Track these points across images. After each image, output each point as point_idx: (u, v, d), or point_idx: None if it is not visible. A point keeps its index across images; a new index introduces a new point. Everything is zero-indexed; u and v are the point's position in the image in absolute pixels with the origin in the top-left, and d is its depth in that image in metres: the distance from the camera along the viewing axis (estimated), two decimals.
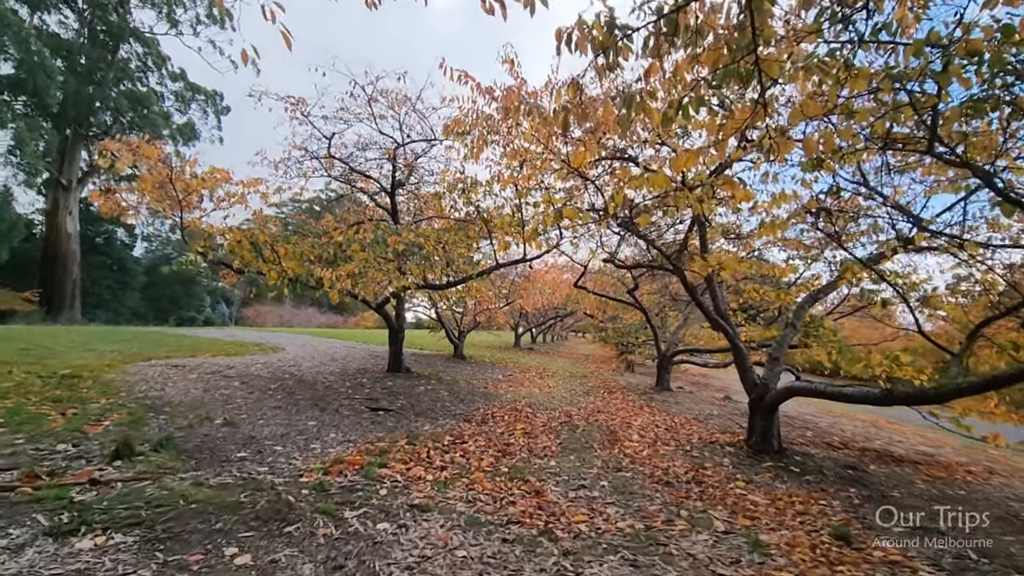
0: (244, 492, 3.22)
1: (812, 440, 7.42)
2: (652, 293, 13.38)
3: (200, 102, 33.62)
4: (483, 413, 7.52)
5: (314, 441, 4.91)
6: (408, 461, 4.46)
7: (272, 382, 8.43)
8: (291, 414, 6.13)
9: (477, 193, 7.69)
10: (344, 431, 5.50)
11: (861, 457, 6.39)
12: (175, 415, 5.35)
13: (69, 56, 28.57)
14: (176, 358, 10.68)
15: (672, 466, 5.33)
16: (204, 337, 17.96)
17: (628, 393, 11.86)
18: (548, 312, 24.49)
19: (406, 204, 12.38)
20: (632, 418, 8.35)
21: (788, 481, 5.04)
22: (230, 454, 4.14)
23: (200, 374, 8.58)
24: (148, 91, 31.62)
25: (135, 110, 30.26)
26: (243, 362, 10.86)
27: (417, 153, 10.12)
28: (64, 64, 28.23)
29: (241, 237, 6.89)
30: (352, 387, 8.67)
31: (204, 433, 4.71)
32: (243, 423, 5.35)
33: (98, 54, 29.13)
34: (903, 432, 10.05)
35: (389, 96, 8.43)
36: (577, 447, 5.95)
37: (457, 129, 7.25)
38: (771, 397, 6.10)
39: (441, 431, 5.99)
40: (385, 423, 6.18)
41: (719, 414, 9.58)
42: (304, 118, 9.37)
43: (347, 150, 10.16)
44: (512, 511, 3.55)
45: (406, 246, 6.95)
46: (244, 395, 7.08)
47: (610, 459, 5.48)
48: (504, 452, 5.33)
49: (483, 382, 11.12)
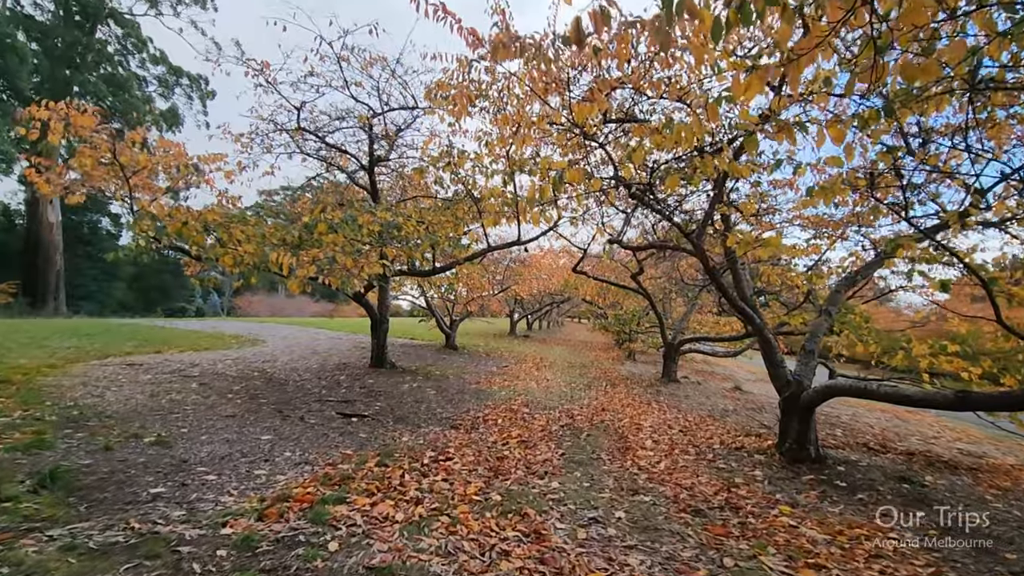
0: (130, 561, 2.30)
1: (844, 441, 6.59)
2: (657, 278, 12.46)
3: (184, 87, 32.34)
4: (473, 416, 6.62)
5: (261, 465, 3.98)
6: (375, 491, 3.55)
7: (237, 382, 7.49)
8: (245, 425, 5.20)
9: (464, 165, 6.72)
10: (304, 448, 4.58)
11: (909, 463, 5.55)
12: (97, 432, 4.41)
13: (44, 38, 27.24)
14: (138, 355, 9.71)
15: (697, 483, 4.46)
16: (184, 329, 17.00)
17: (632, 385, 11.01)
18: (544, 298, 23.61)
19: (391, 185, 11.35)
20: (641, 417, 7.48)
21: (839, 501, 4.18)
22: (142, 491, 3.21)
23: (156, 374, 7.63)
24: (129, 75, 30.32)
25: (115, 94, 28.95)
26: (212, 358, 9.91)
27: (398, 125, 9.07)
28: (39, 47, 26.91)
29: (187, 217, 5.89)
30: (327, 386, 7.75)
31: (122, 458, 3.78)
32: (180, 441, 4.42)
33: (74, 36, 27.73)
34: (929, 423, 9.28)
35: (361, 56, 7.37)
36: (583, 459, 5.07)
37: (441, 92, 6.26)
38: (808, 397, 5.22)
39: (422, 443, 5.09)
40: (357, 434, 5.27)
41: (734, 409, 8.74)
42: (269, 85, 8.30)
43: (322, 122, 9.12)
44: (506, 568, 2.65)
45: (382, 227, 5.98)
46: (197, 400, 6.14)
47: (623, 475, 4.60)
48: (496, 470, 4.43)
49: (475, 376, 10.22)
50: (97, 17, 28.53)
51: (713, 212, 4.79)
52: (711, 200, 4.75)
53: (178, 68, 31.54)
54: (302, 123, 8.64)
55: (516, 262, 17.18)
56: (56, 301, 27.11)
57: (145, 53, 30.70)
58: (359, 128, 8.45)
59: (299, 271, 5.34)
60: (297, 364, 9.94)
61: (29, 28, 26.36)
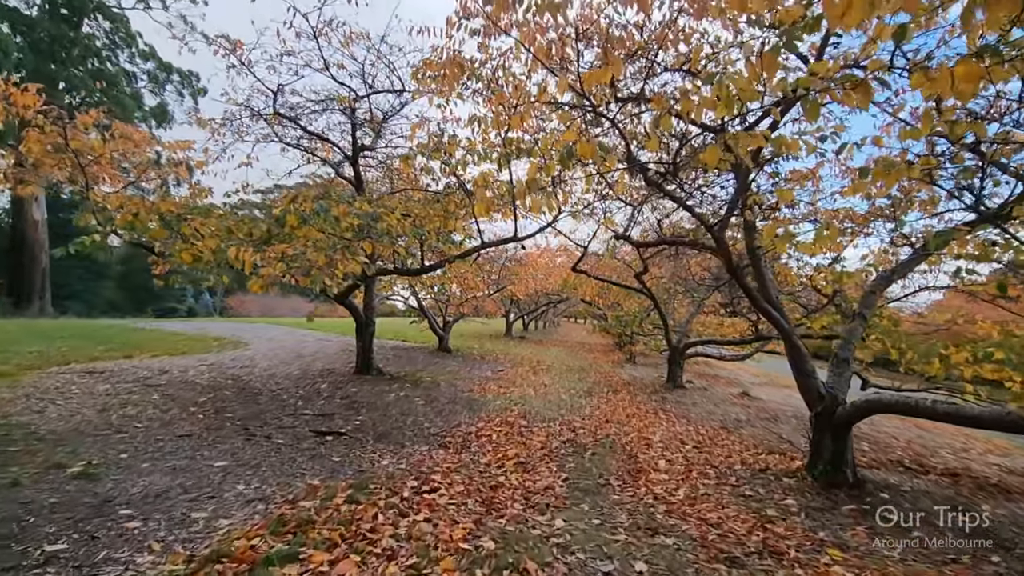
0: None
1: (875, 458, 5.95)
2: (660, 278, 11.81)
3: (175, 83, 31.59)
4: (465, 432, 5.94)
5: (204, 504, 3.29)
6: (339, 541, 2.87)
7: (204, 393, 6.78)
8: (200, 447, 4.51)
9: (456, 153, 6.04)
10: (263, 477, 3.89)
11: (956, 486, 4.91)
12: (14, 459, 3.70)
13: (29, 32, 26.52)
14: (105, 360, 8.98)
15: (725, 519, 3.80)
16: (167, 331, 16.23)
17: (635, 391, 10.36)
18: (541, 299, 22.94)
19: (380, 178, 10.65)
20: (649, 429, 6.83)
21: (893, 541, 3.53)
22: (35, 549, 2.52)
23: (115, 384, 6.91)
24: (117, 70, 29.60)
25: (102, 90, 28.17)
26: (186, 364, 9.18)
27: (384, 112, 8.37)
28: (24, 40, 26.19)
29: (138, 208, 5.19)
30: (305, 397, 7.05)
31: (28, 499, 3.07)
32: (113, 471, 3.72)
33: (60, 30, 27.01)
34: (951, 433, 8.65)
35: (341, 31, 6.67)
36: (590, 486, 4.41)
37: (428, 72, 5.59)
38: (845, 413, 4.58)
39: (404, 468, 4.41)
40: (329, 457, 4.58)
41: (747, 419, 8.10)
42: (243, 66, 7.59)
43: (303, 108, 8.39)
44: None
45: (361, 219, 5.29)
46: (153, 416, 5.44)
47: (637, 507, 3.94)
48: (490, 504, 3.76)
49: (469, 383, 9.53)
50: (83, 10, 27.81)
51: (741, 201, 4.12)
52: (738, 186, 4.09)
53: (168, 64, 30.86)
54: (281, 109, 7.94)
55: (512, 261, 16.50)
56: (42, 301, 26.38)
57: (135, 48, 30.08)
58: (341, 112, 7.73)
59: (263, 269, 4.65)
60: (277, 370, 9.23)
61: (14, 21, 25.63)
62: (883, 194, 4.79)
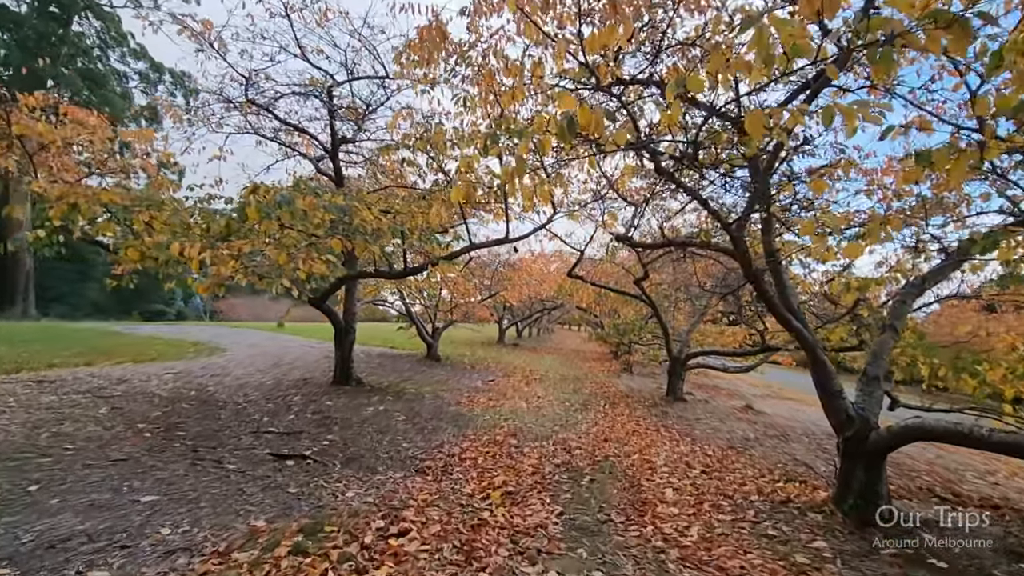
0: None
1: (902, 485, 5.38)
2: (660, 284, 11.24)
3: (167, 83, 31.02)
4: (447, 454, 5.31)
5: (110, 558, 2.63)
6: None
7: (160, 407, 6.11)
8: (131, 476, 3.84)
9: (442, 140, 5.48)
10: (197, 516, 3.23)
11: (1003, 523, 4.34)
12: None
13: (16, 28, 25.97)
14: (61, 368, 8.27)
15: (750, 568, 3.19)
16: (143, 335, 15.46)
17: (634, 404, 9.76)
18: (535, 305, 22.35)
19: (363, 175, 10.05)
20: (652, 449, 6.22)
21: None
22: None
23: (62, 395, 6.23)
24: (108, 70, 29.07)
25: (92, 89, 27.54)
26: (150, 372, 8.48)
27: (368, 102, 7.77)
28: (11, 37, 25.64)
29: (77, 198, 4.55)
30: (273, 411, 6.39)
31: None
32: (11, 508, 3.05)
33: (49, 28, 26.47)
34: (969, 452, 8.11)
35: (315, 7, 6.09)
36: (588, 523, 3.79)
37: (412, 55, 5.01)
38: (880, 440, 4.00)
39: (371, 502, 3.76)
40: (285, 487, 3.93)
41: (756, 437, 7.51)
42: (212, 48, 6.98)
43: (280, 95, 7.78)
44: None
45: (332, 212, 4.68)
46: (92, 434, 4.77)
47: (646, 554, 3.33)
48: (470, 551, 3.13)
49: (456, 395, 8.89)
50: (72, 8, 27.29)
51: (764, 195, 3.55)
52: (761, 177, 3.52)
53: (160, 64, 30.37)
54: (255, 97, 7.33)
55: (505, 266, 15.91)
56: (25, 303, 25.66)
57: (126, 47, 29.59)
58: (317, 97, 7.12)
59: (213, 268, 4.02)
60: (249, 379, 8.56)
61: (1, 17, 25.07)
62: (945, 188, 4.23)
